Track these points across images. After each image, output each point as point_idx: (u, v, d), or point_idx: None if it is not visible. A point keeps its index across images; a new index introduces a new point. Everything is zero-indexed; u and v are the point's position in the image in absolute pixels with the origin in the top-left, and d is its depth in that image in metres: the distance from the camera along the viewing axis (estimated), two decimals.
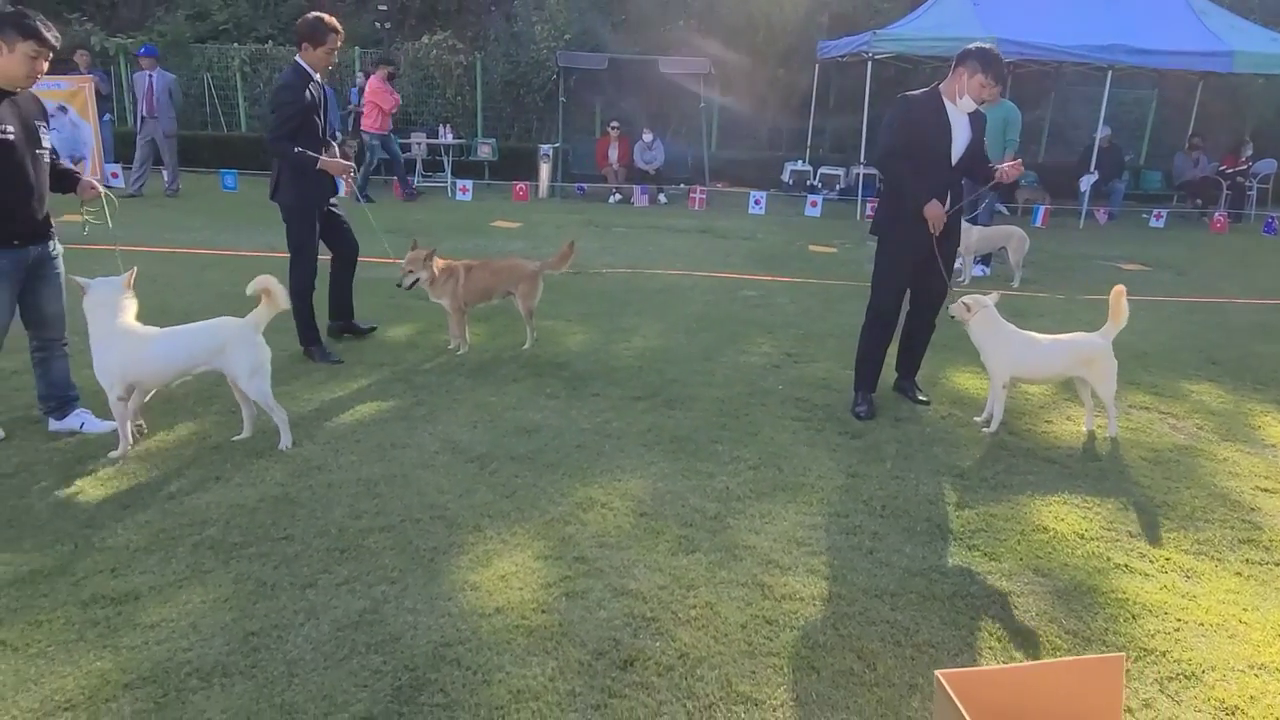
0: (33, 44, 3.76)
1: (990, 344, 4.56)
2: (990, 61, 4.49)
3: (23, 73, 3.80)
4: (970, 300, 4.61)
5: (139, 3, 18.65)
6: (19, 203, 3.88)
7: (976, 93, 4.53)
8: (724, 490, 3.84)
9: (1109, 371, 4.50)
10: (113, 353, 3.83)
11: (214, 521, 3.38)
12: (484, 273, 5.68)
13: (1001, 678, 1.95)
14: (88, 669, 2.52)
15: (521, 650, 2.68)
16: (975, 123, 4.71)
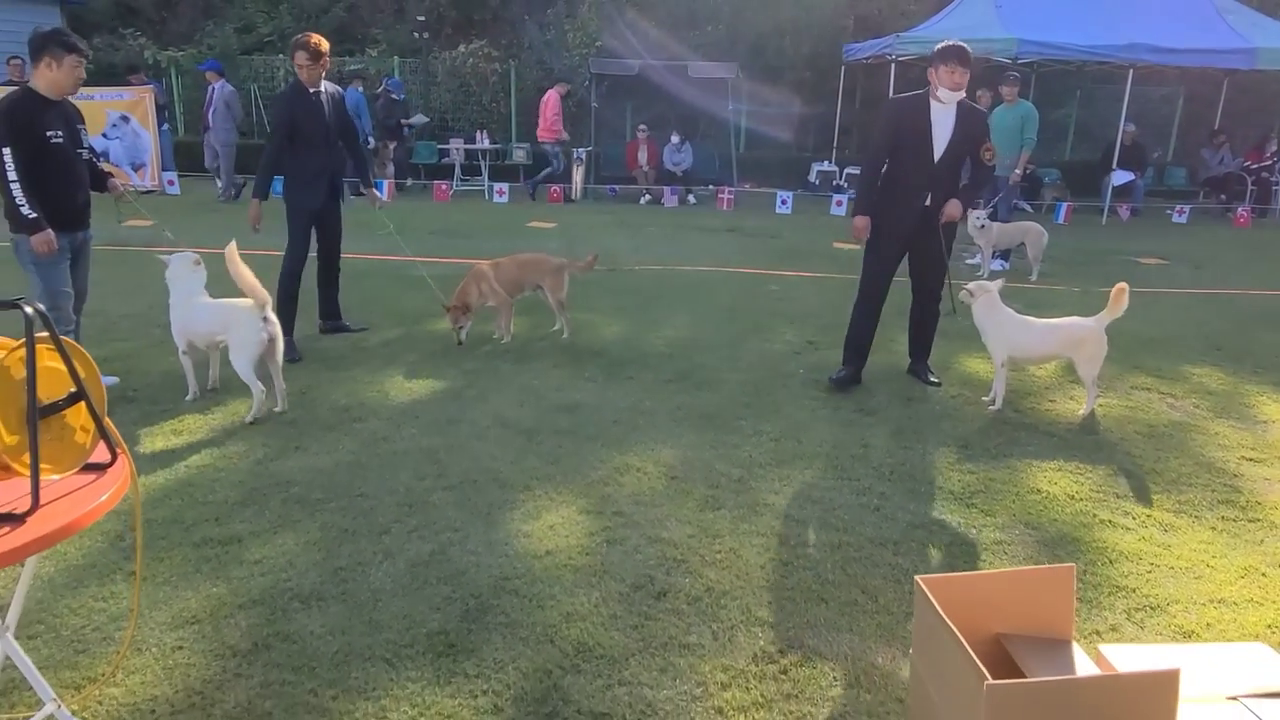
0: (75, 56, 4.48)
1: (990, 326, 4.92)
2: (947, 50, 4.82)
3: (70, 82, 4.53)
4: (974, 286, 4.99)
5: (188, 17, 19.42)
6: (67, 194, 4.62)
7: (948, 82, 4.81)
8: (747, 458, 4.25)
9: (1096, 355, 4.83)
10: (174, 315, 4.73)
11: (298, 482, 3.86)
12: (511, 266, 6.10)
13: (971, 582, 2.34)
14: (206, 593, 2.99)
15: (569, 583, 3.11)
16: (966, 120, 4.95)
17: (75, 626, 2.80)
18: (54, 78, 4.46)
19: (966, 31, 12.88)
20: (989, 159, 5.07)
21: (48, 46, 4.42)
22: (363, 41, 18.78)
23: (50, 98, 4.50)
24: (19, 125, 4.36)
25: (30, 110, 4.42)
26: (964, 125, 4.94)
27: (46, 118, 4.46)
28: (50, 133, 4.47)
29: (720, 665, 2.69)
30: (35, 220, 4.42)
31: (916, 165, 4.99)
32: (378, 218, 6.49)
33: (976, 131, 5.01)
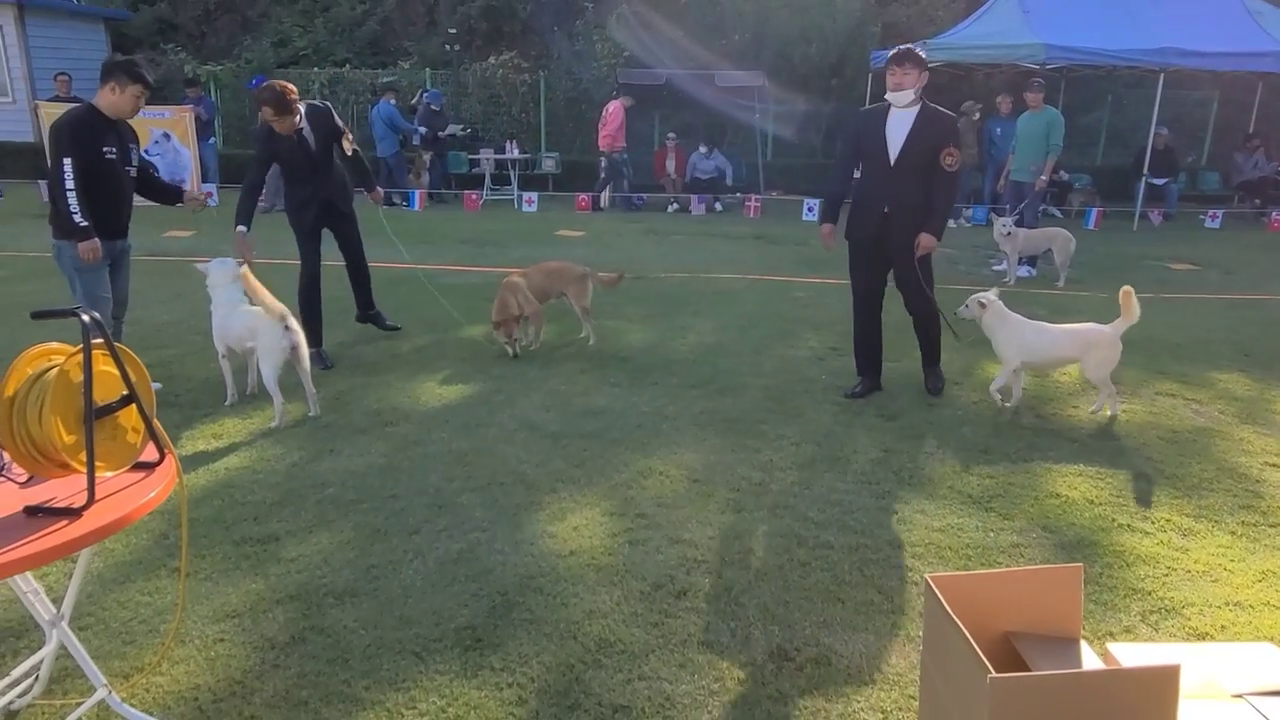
0: (139, 86, 4.74)
1: (1002, 334, 4.96)
2: (890, 55, 4.95)
3: (129, 109, 4.82)
4: (973, 301, 5.04)
5: (227, 32, 19.88)
6: (114, 207, 4.89)
7: (890, 83, 4.89)
8: (768, 462, 4.32)
9: (1106, 359, 4.88)
10: (214, 320, 4.94)
11: (332, 483, 3.99)
12: (538, 275, 6.18)
13: (981, 581, 2.40)
14: (245, 589, 3.13)
15: (592, 582, 3.21)
16: (927, 123, 4.88)
17: (123, 619, 2.94)
18: (115, 101, 4.73)
19: (994, 37, 12.91)
20: (949, 164, 4.88)
21: (115, 73, 4.70)
22: (395, 54, 19.11)
23: (110, 117, 4.76)
24: (80, 139, 4.63)
25: (92, 126, 4.70)
26: (923, 129, 4.86)
27: (105, 135, 4.73)
28: (106, 149, 4.73)
29: (738, 661, 2.77)
30: (85, 228, 4.65)
31: (875, 171, 5.03)
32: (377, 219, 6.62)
33: (937, 136, 4.89)
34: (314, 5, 20.14)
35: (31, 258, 9.16)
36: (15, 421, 1.95)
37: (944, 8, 16.55)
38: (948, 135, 4.96)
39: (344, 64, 18.21)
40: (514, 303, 5.93)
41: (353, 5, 19.86)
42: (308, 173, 5.71)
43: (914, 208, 4.96)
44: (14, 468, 2.10)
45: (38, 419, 1.94)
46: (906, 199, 4.94)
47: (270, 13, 20.05)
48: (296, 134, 5.58)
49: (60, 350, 2.06)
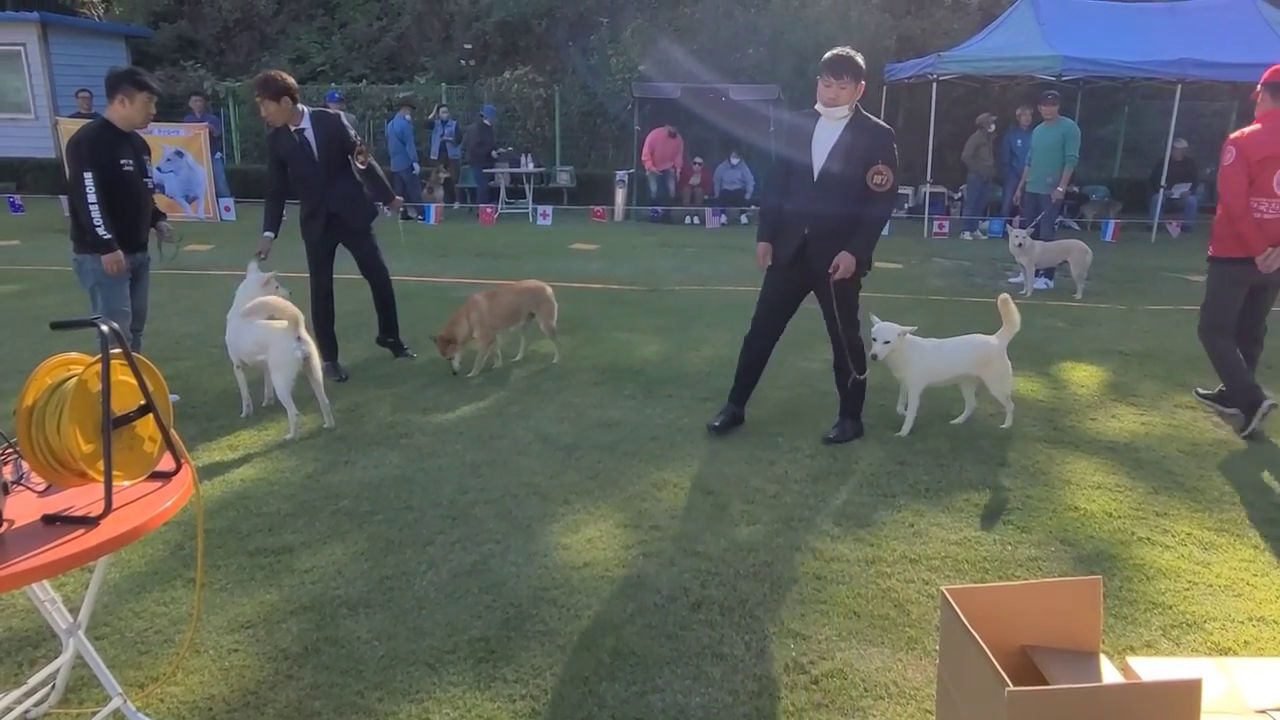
0: (147, 94, 4.80)
1: (911, 360, 4.77)
2: (821, 63, 4.46)
3: (141, 117, 4.86)
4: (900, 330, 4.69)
5: (245, 49, 20.12)
6: (133, 219, 4.93)
7: (821, 95, 4.44)
8: (783, 474, 4.30)
9: (1004, 372, 4.84)
10: (229, 330, 4.97)
11: (346, 495, 4.00)
12: (509, 294, 5.98)
13: (998, 594, 2.37)
14: (260, 599, 3.13)
15: (606, 594, 3.20)
16: (857, 136, 4.41)
17: (138, 629, 2.95)
18: (126, 113, 4.79)
19: (1010, 50, 12.90)
20: (878, 184, 4.38)
21: (122, 84, 4.76)
22: (411, 69, 19.28)
23: (123, 129, 4.83)
24: (99, 153, 4.70)
25: (108, 139, 4.77)
26: (852, 142, 4.40)
27: (120, 148, 4.81)
28: (124, 161, 4.81)
29: (752, 675, 2.75)
30: (109, 241, 4.72)
31: (799, 187, 4.53)
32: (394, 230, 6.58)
33: (867, 152, 4.39)
34: (331, 22, 20.38)
35: (53, 271, 9.27)
36: (34, 430, 1.97)
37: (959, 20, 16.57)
38: (879, 151, 4.41)
39: (360, 79, 18.38)
40: (465, 324, 5.73)
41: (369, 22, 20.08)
42: (313, 180, 5.65)
43: (837, 232, 4.44)
44: (33, 476, 2.11)
45: (56, 428, 1.95)
46: (829, 222, 4.44)
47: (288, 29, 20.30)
48: (298, 134, 5.55)
49: (79, 360, 2.08)
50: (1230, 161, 4.85)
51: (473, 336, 5.79)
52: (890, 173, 4.42)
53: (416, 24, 19.78)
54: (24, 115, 16.83)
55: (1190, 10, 13.69)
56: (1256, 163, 4.78)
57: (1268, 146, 4.78)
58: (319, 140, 5.60)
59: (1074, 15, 13.60)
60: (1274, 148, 4.77)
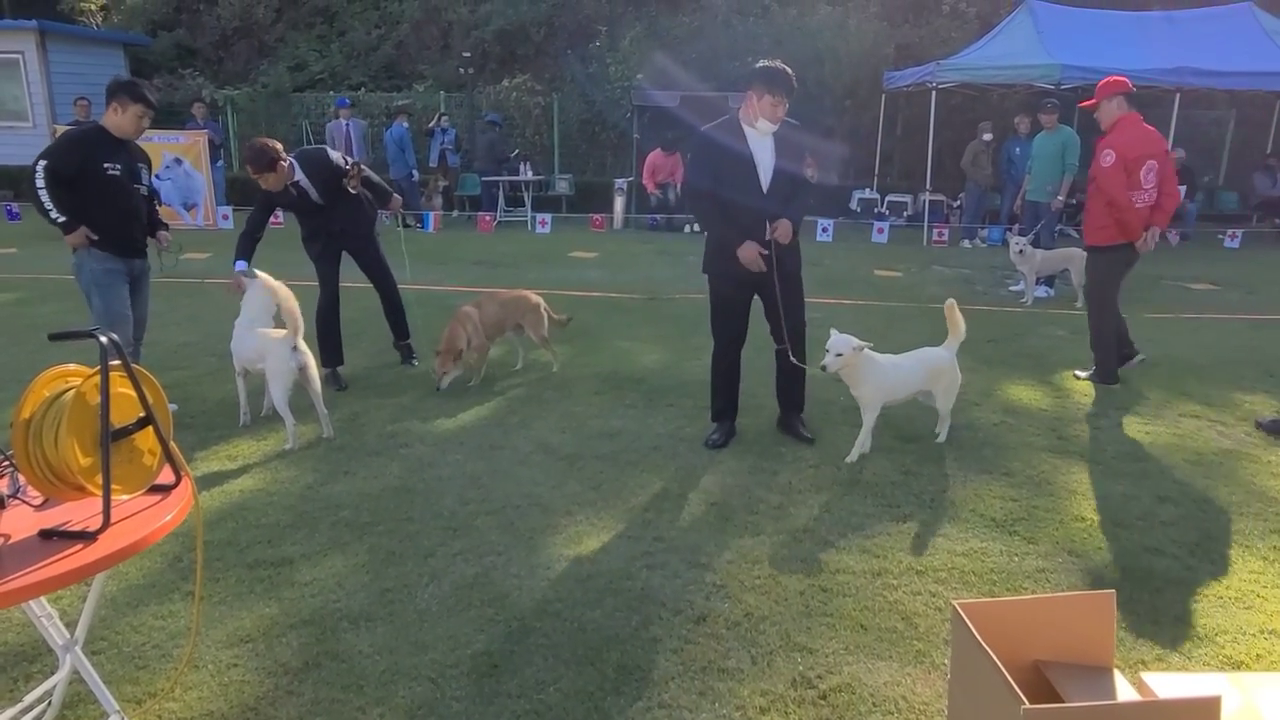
0: (141, 106, 4.78)
1: (872, 377, 4.54)
2: (775, 79, 4.36)
3: (132, 129, 4.85)
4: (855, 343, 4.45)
5: (244, 57, 20.13)
6: (124, 224, 4.91)
7: (770, 113, 4.40)
8: (786, 484, 4.27)
9: (954, 384, 4.76)
10: (234, 336, 4.95)
11: (346, 506, 3.96)
12: (493, 304, 5.88)
13: (1009, 608, 2.34)
14: (259, 613, 3.09)
15: (610, 607, 3.16)
16: (786, 141, 4.53)
17: (136, 643, 2.91)
18: (118, 121, 4.79)
19: (1009, 58, 12.92)
20: (811, 176, 4.65)
21: (118, 93, 4.77)
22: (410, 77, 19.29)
23: (116, 136, 4.82)
24: (72, 154, 4.72)
25: (93, 143, 4.77)
26: (785, 147, 4.53)
27: (108, 152, 4.78)
28: (108, 165, 4.77)
29: (759, 690, 2.71)
30: (65, 223, 4.72)
31: (745, 201, 4.51)
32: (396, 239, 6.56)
33: (798, 148, 4.62)
34: (330, 30, 20.40)
35: (50, 280, 9.23)
36: (31, 444, 1.93)
37: (957, 29, 16.59)
38: (806, 144, 4.77)
39: (359, 88, 18.38)
40: (463, 335, 5.64)
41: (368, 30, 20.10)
42: (314, 212, 5.64)
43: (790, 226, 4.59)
44: (29, 490, 2.07)
45: (54, 441, 1.92)
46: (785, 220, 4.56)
47: (287, 37, 20.32)
48: (293, 186, 5.47)
49: (77, 372, 2.04)
50: (1111, 163, 5.67)
51: (471, 348, 5.73)
52: (814, 162, 4.77)
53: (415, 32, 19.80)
54: (22, 123, 16.81)
55: (1188, 19, 13.71)
56: (1132, 160, 5.64)
57: (1139, 147, 5.67)
58: (314, 183, 5.56)
59: (1072, 24, 13.62)
60: (1143, 148, 5.68)
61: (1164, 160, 5.77)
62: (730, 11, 17.48)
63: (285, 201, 5.53)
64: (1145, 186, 5.68)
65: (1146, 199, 5.72)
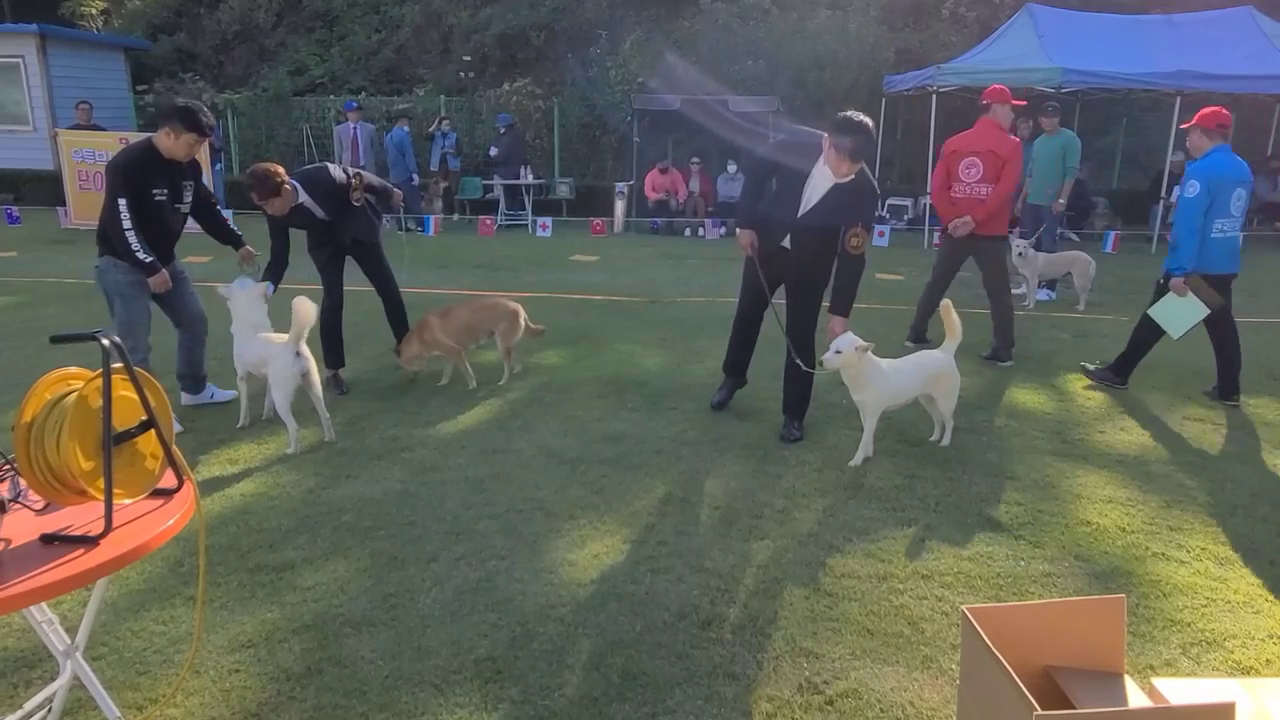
0: (194, 135, 4.80)
1: (874, 380, 4.49)
2: (844, 141, 4.29)
3: (183, 154, 4.88)
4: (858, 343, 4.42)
5: (244, 61, 20.13)
6: (161, 243, 4.93)
7: (834, 165, 4.41)
8: (790, 488, 4.25)
9: (955, 387, 4.73)
10: (236, 342, 4.95)
11: (349, 510, 3.94)
12: (465, 312, 5.85)
13: (1018, 613, 2.32)
14: (261, 618, 3.07)
15: (614, 612, 3.14)
16: (838, 195, 4.50)
17: (137, 649, 2.89)
18: (169, 145, 4.79)
19: (1009, 61, 12.90)
20: (854, 246, 4.55)
21: (172, 119, 4.76)
22: (410, 82, 19.29)
23: (165, 157, 4.83)
24: (132, 181, 4.72)
25: (144, 166, 4.77)
26: (840, 200, 4.52)
27: (156, 176, 4.81)
28: (156, 191, 4.82)
29: (765, 695, 2.69)
30: (151, 264, 4.77)
31: (785, 206, 4.69)
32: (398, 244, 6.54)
33: (850, 210, 4.52)
34: (330, 35, 20.41)
35: (52, 283, 9.22)
36: (33, 447, 1.91)
37: (957, 32, 16.60)
38: (862, 212, 4.58)
39: (359, 91, 18.37)
40: (416, 344, 5.70)
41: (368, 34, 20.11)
42: (322, 228, 5.60)
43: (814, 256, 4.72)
44: (30, 494, 2.06)
45: (55, 445, 1.90)
46: (814, 249, 4.71)
47: (287, 42, 20.33)
48: (298, 209, 5.42)
49: (79, 375, 2.03)
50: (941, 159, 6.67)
51: (426, 355, 5.76)
52: (865, 236, 4.60)
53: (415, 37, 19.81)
54: (22, 127, 16.79)
55: (1188, 23, 13.72)
56: (948, 155, 6.54)
57: (958, 144, 6.55)
58: (318, 202, 5.51)
59: (1072, 27, 13.63)
60: (962, 145, 6.51)
61: (988, 159, 6.36)
62: (730, 15, 17.48)
63: (295, 223, 5.49)
64: (965, 180, 6.45)
65: (967, 191, 6.45)
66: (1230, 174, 5.50)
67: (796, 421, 5.02)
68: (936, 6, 17.30)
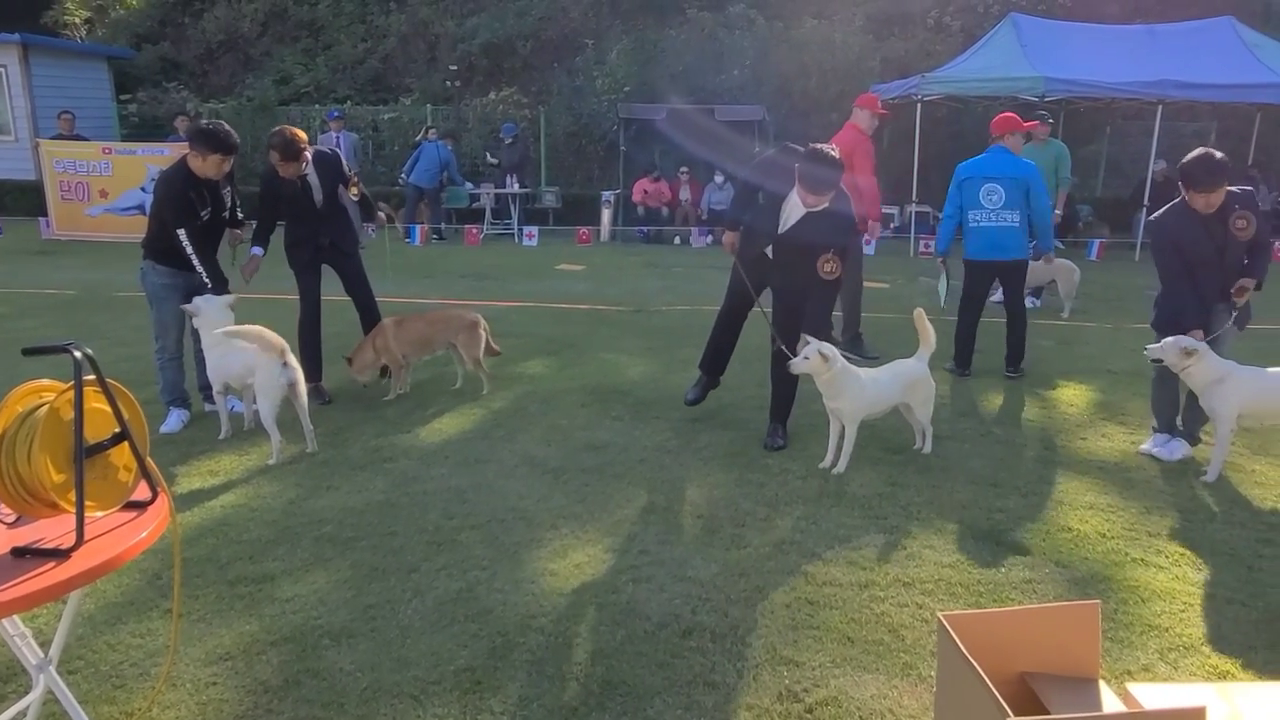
0: (220, 155, 4.92)
1: (850, 389, 4.51)
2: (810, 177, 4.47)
3: (215, 173, 5.01)
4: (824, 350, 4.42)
5: (229, 70, 20.08)
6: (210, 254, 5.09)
7: (800, 194, 4.56)
8: (773, 497, 4.25)
9: (930, 395, 4.76)
10: (210, 357, 4.93)
11: (330, 520, 3.93)
12: (421, 323, 5.80)
13: (995, 619, 2.33)
14: (239, 630, 3.05)
15: (595, 621, 3.13)
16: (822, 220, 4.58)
17: (113, 662, 2.87)
18: (200, 166, 4.96)
19: (993, 70, 13.02)
20: (827, 272, 4.59)
21: (197, 143, 4.93)
22: (397, 91, 19.27)
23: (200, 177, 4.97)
24: (183, 211, 4.90)
25: (186, 193, 4.92)
26: (815, 225, 4.62)
27: (198, 198, 4.97)
28: (203, 210, 5.00)
29: (745, 704, 2.69)
30: (219, 286, 5.02)
31: (766, 219, 4.80)
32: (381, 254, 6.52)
33: (827, 235, 4.60)
34: (315, 44, 20.37)
35: (29, 294, 9.16)
36: (4, 460, 1.90)
37: (942, 42, 16.71)
38: (836, 237, 4.63)
39: (345, 101, 18.35)
40: (369, 351, 5.66)
41: (354, 43, 20.07)
42: (310, 217, 5.62)
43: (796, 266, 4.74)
44: (2, 507, 2.04)
45: (26, 458, 1.89)
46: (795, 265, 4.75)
47: (273, 51, 20.27)
48: (300, 180, 5.51)
49: (51, 387, 2.01)
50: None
51: (378, 364, 5.72)
52: (838, 262, 4.63)
53: (402, 46, 19.79)
54: (4, 137, 16.68)
55: (1170, 33, 13.85)
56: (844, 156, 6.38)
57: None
58: (321, 181, 5.59)
59: (1055, 37, 13.75)
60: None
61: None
62: (716, 25, 17.56)
63: (288, 192, 5.51)
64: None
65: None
66: (977, 171, 6.39)
67: (780, 428, 5.03)
68: (922, 16, 17.41)
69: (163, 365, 5.17)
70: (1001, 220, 6.29)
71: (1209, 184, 4.55)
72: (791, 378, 4.86)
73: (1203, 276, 4.66)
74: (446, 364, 6.50)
